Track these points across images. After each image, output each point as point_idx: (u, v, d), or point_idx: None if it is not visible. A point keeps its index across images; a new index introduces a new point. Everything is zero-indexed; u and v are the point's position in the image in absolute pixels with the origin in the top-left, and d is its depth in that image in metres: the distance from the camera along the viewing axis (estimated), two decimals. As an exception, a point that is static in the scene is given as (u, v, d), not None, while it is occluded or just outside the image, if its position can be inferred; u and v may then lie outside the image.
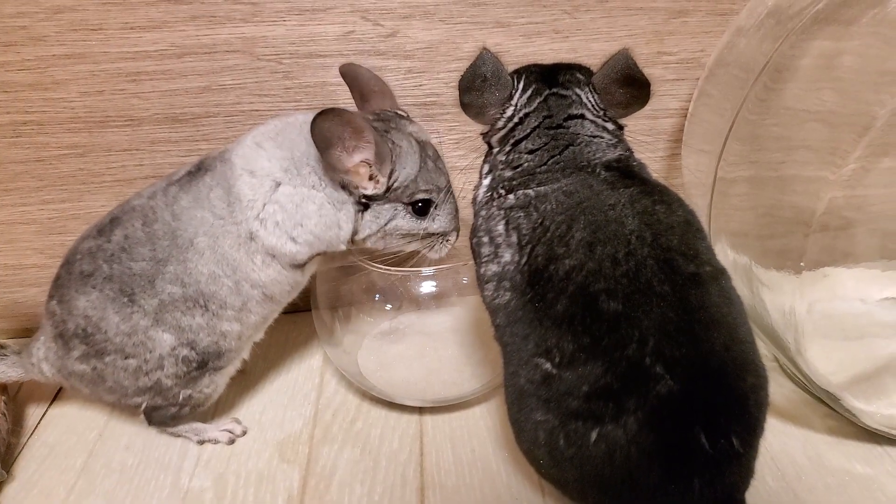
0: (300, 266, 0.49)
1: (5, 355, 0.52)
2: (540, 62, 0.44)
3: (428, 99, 0.58)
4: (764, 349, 0.57)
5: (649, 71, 0.58)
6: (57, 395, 0.58)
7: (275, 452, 0.51)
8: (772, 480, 0.47)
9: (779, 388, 0.54)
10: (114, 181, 0.58)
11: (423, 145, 0.48)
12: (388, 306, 0.56)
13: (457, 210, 0.50)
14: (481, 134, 0.44)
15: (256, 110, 0.56)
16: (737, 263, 0.50)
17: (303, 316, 0.60)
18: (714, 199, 0.51)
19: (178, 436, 0.53)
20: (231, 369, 0.52)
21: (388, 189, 0.46)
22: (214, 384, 0.51)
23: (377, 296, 0.55)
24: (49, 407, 0.56)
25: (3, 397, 0.52)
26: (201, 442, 0.52)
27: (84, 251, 0.48)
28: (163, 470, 0.50)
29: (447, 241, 0.50)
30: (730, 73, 0.53)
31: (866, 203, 0.62)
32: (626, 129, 0.44)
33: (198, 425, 0.53)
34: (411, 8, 0.54)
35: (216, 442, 0.52)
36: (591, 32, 0.56)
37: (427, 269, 0.50)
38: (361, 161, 0.44)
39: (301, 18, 0.53)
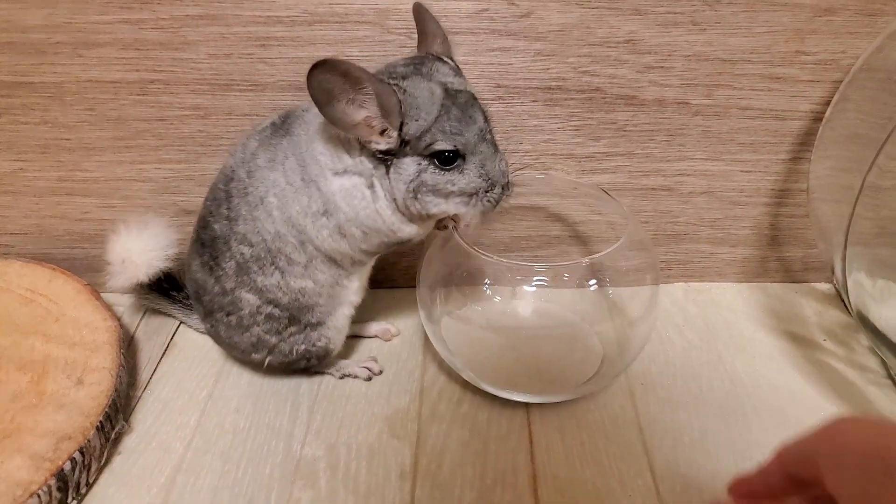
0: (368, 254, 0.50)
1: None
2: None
3: (553, 83, 0.56)
4: (876, 366, 0.56)
5: (784, 70, 0.56)
6: (165, 350, 0.59)
7: (385, 427, 0.52)
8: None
9: (891, 406, 0.53)
10: (231, 145, 0.58)
11: (452, 93, 0.43)
12: (497, 298, 0.55)
13: (498, 163, 0.44)
14: None
15: (381, 84, 0.56)
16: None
17: (404, 292, 0.61)
18: (856, 206, 0.49)
19: (322, 373, 0.56)
20: (336, 322, 0.53)
21: (402, 142, 0.43)
22: (325, 338, 0.53)
23: (486, 282, 0.54)
24: (159, 363, 0.58)
25: (123, 351, 0.53)
26: (342, 376, 0.56)
27: (197, 218, 0.52)
28: (274, 435, 0.51)
29: (485, 197, 0.44)
30: (878, 79, 0.51)
31: None
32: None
33: (339, 361, 0.56)
34: (550, -11, 0.52)
35: (356, 377, 0.55)
36: (730, 26, 0.54)
37: (540, 264, 0.49)
38: (368, 115, 0.41)
39: (437, -8, 0.52)
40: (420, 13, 0.48)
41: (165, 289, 0.59)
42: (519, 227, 0.63)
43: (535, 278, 0.52)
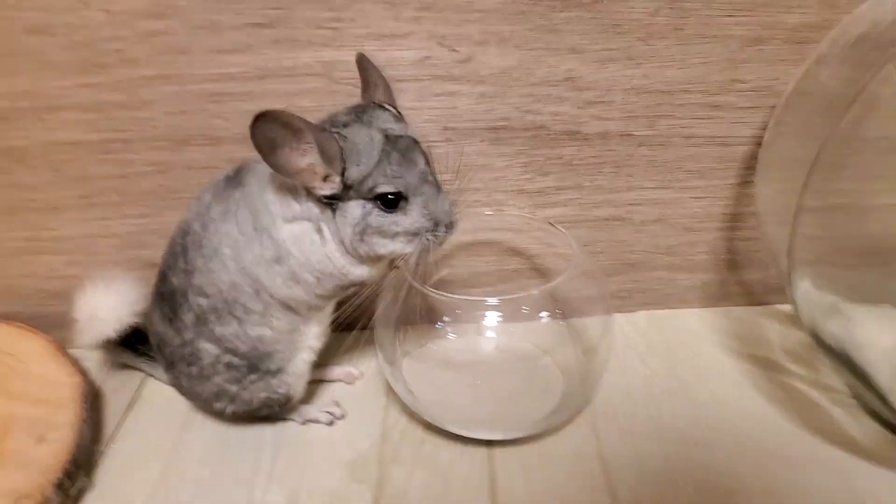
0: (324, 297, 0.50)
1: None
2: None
3: (498, 123, 0.58)
4: (840, 386, 0.56)
5: (722, 98, 0.58)
6: (131, 404, 0.59)
7: (346, 471, 0.51)
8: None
9: (860, 427, 0.53)
10: (191, 197, 0.59)
11: (393, 138, 0.45)
12: (454, 336, 0.56)
13: (441, 202, 0.46)
14: None
15: (332, 132, 0.57)
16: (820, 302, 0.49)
17: (366, 334, 0.61)
18: (795, 229, 0.50)
19: (284, 419, 0.56)
20: (296, 369, 0.53)
21: (345, 186, 0.44)
22: (286, 384, 0.53)
23: (442, 319, 0.55)
24: (124, 417, 0.58)
25: (86, 406, 0.54)
26: (305, 422, 0.55)
27: (157, 272, 0.52)
28: (236, 485, 0.51)
29: (430, 236, 0.46)
30: (808, 102, 0.53)
31: None
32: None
33: (301, 407, 0.56)
34: (487, 34, 0.54)
35: (317, 421, 0.55)
36: (665, 59, 0.56)
37: (491, 299, 0.50)
38: (311, 162, 0.43)
39: (379, 44, 0.55)
40: (363, 64, 0.50)
41: (132, 342, 0.60)
42: (478, 263, 0.64)
43: (488, 313, 0.53)
